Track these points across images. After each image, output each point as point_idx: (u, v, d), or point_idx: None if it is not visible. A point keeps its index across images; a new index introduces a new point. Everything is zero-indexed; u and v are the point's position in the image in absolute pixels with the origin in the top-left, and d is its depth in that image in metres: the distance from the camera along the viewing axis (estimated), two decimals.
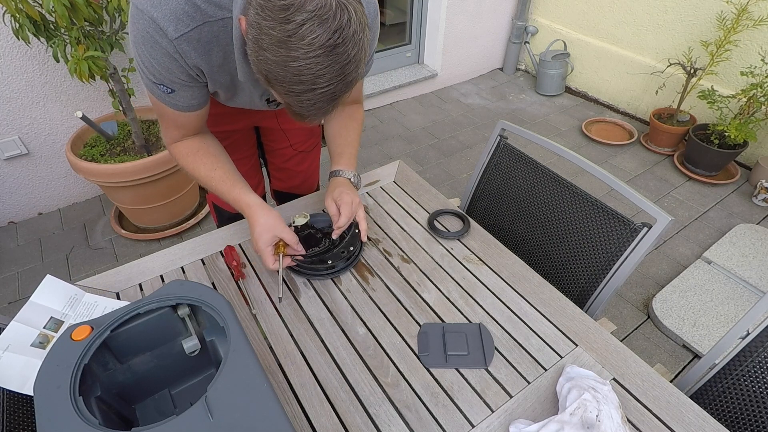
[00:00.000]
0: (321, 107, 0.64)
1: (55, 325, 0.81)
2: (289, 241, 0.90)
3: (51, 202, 2.23)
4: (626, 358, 0.81)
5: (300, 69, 0.58)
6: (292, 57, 0.57)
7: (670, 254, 2.01)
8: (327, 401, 0.76)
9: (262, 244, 0.87)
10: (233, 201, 0.91)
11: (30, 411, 0.75)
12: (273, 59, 0.58)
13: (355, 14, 0.58)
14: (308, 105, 0.63)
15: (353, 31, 0.58)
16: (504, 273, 0.98)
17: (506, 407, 0.75)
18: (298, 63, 0.57)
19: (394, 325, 0.88)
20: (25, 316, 0.79)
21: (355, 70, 0.61)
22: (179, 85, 0.79)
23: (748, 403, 0.81)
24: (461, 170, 2.54)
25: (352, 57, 0.59)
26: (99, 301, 0.87)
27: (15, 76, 1.84)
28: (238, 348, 0.60)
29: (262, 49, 0.58)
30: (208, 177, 0.91)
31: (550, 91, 3.20)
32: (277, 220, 0.89)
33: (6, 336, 0.75)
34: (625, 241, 0.99)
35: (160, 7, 0.68)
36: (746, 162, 2.51)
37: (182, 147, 0.91)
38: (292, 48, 0.56)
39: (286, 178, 1.36)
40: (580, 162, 1.06)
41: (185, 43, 0.72)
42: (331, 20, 0.55)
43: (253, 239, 0.88)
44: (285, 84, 0.60)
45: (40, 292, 0.83)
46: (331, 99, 0.63)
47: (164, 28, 0.69)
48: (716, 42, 2.33)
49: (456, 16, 3.00)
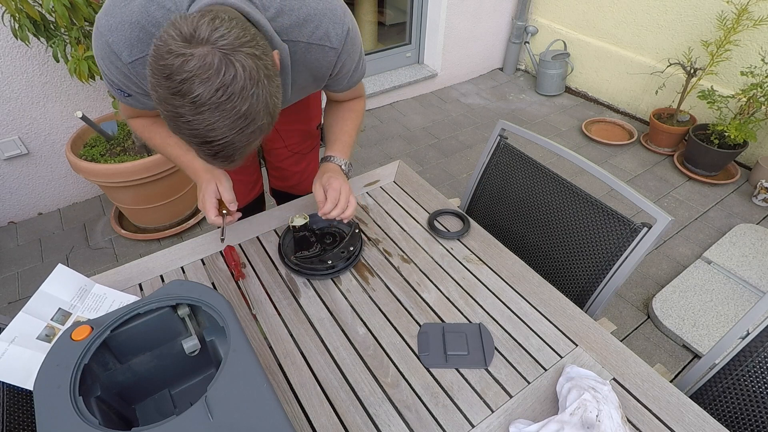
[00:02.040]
0: (228, 155, 0.64)
1: (63, 317, 0.81)
2: (225, 198, 0.91)
3: (51, 202, 2.23)
4: (626, 358, 0.81)
5: (189, 123, 0.58)
6: (179, 113, 0.58)
7: (670, 254, 2.01)
8: (327, 401, 0.76)
9: (207, 197, 0.90)
10: (185, 165, 0.94)
11: (30, 410, 0.75)
12: (165, 114, 0.60)
13: (243, 70, 0.57)
14: (211, 154, 0.63)
15: (241, 87, 0.57)
16: (504, 273, 0.98)
17: (506, 407, 0.75)
18: (185, 119, 0.58)
19: (394, 325, 0.88)
20: (34, 306, 0.79)
21: (255, 122, 0.61)
22: (136, 93, 0.81)
23: (748, 403, 0.81)
24: (461, 170, 2.54)
25: (243, 112, 0.59)
26: (108, 293, 0.87)
27: (15, 76, 1.84)
28: (238, 348, 0.60)
29: (157, 102, 0.59)
30: (164, 143, 0.95)
31: (550, 91, 3.20)
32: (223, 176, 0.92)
33: (13, 327, 0.76)
34: (625, 241, 0.99)
35: (115, 33, 0.71)
36: (746, 162, 2.51)
37: (140, 120, 0.97)
38: (178, 105, 0.57)
39: (283, 178, 1.36)
40: (580, 162, 1.06)
41: (140, 66, 0.74)
42: (214, 78, 0.55)
43: (200, 198, 0.91)
44: (184, 136, 0.61)
45: (50, 281, 0.83)
46: (235, 148, 0.63)
47: (118, 53, 0.72)
48: (716, 42, 2.33)
49: (456, 16, 3.00)
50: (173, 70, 0.55)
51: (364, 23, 3.11)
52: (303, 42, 0.78)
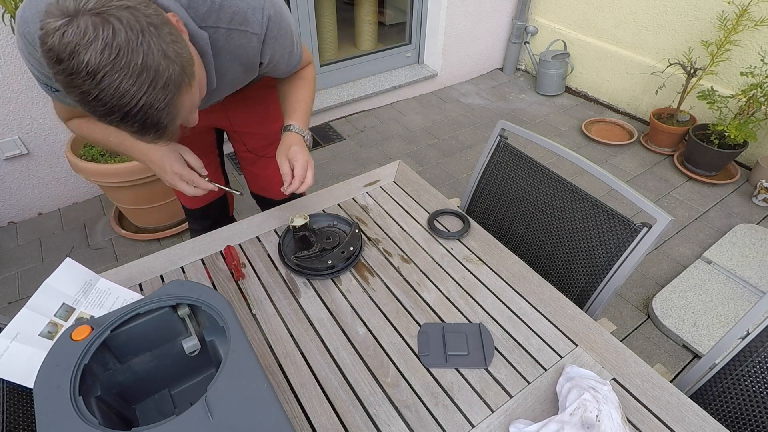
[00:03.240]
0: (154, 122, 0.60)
1: (66, 313, 0.80)
2: (192, 162, 0.89)
3: (51, 202, 2.23)
4: (626, 358, 0.81)
5: (98, 99, 0.55)
6: (85, 92, 0.55)
7: (670, 254, 2.01)
8: (327, 401, 0.76)
9: (177, 165, 0.87)
10: (130, 148, 0.91)
11: (30, 409, 0.75)
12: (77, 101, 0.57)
13: (120, 23, 0.54)
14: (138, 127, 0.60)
15: (126, 40, 0.54)
16: (504, 273, 0.98)
17: (506, 407, 0.75)
18: (92, 95, 0.55)
19: (394, 325, 0.88)
20: (38, 301, 0.79)
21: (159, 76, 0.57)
22: None
23: (748, 403, 0.81)
24: (461, 170, 2.54)
25: (140, 65, 0.55)
26: (112, 289, 0.87)
27: (15, 76, 1.84)
28: (238, 348, 0.60)
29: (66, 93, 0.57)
30: (105, 133, 0.91)
31: (550, 91, 3.20)
32: (180, 146, 0.89)
33: (16, 323, 0.75)
34: (625, 241, 0.99)
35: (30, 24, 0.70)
36: (746, 162, 2.51)
37: (76, 120, 0.93)
38: (78, 84, 0.54)
39: (253, 181, 1.34)
40: (580, 162, 1.06)
41: None
42: (94, 40, 0.53)
43: (165, 167, 0.87)
44: (102, 118, 0.58)
45: (57, 274, 0.83)
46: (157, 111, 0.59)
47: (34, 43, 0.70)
48: (716, 42, 2.33)
49: (456, 16, 3.00)
50: (57, 49, 0.53)
51: (364, 23, 3.11)
52: (223, 28, 0.77)
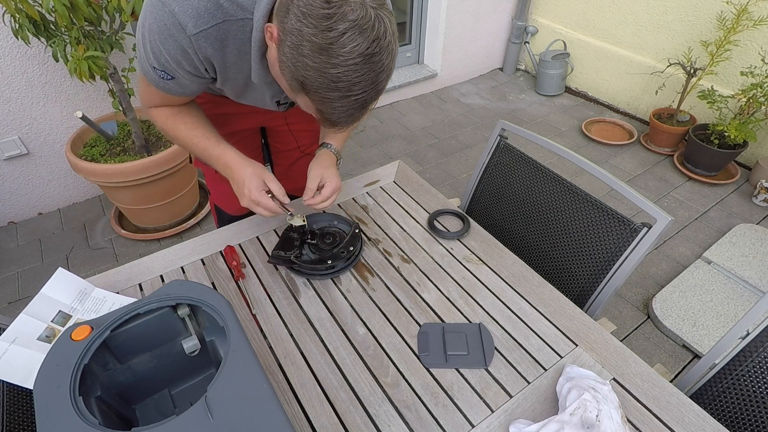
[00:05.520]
0: (352, 114, 0.66)
1: (63, 319, 0.81)
2: (275, 191, 0.89)
3: (51, 202, 2.23)
4: (626, 358, 0.81)
5: (338, 76, 0.60)
6: (332, 64, 0.59)
7: (670, 254, 2.01)
8: (327, 401, 0.76)
9: (256, 191, 0.87)
10: (217, 157, 0.90)
11: (30, 409, 0.75)
12: (312, 65, 0.60)
13: (390, 26, 0.60)
14: (341, 112, 0.65)
15: (388, 42, 0.60)
16: (504, 273, 0.98)
17: (506, 407, 0.75)
18: (336, 70, 0.59)
19: (394, 325, 0.88)
20: (35, 308, 0.80)
21: (386, 79, 0.64)
22: (181, 75, 0.79)
23: (748, 403, 0.81)
24: (461, 170, 2.54)
25: (386, 66, 0.62)
26: (108, 297, 0.88)
27: (15, 76, 1.84)
28: (238, 348, 0.60)
29: (302, 55, 0.60)
30: (189, 135, 0.90)
31: (550, 91, 3.20)
32: (264, 170, 0.90)
33: (14, 328, 0.76)
34: (625, 241, 0.99)
35: (182, 2, 0.68)
36: (746, 162, 2.51)
37: (162, 111, 0.92)
38: (333, 55, 0.58)
39: (292, 180, 1.35)
40: (580, 162, 1.06)
41: (203, 39, 0.72)
42: (370, 30, 0.58)
43: (245, 189, 0.88)
44: (321, 90, 0.62)
45: (51, 284, 0.84)
46: (362, 106, 0.65)
47: (183, 24, 0.69)
48: (716, 42, 2.33)
49: (456, 16, 3.00)
50: (336, 19, 0.56)
51: None
52: None
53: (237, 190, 0.90)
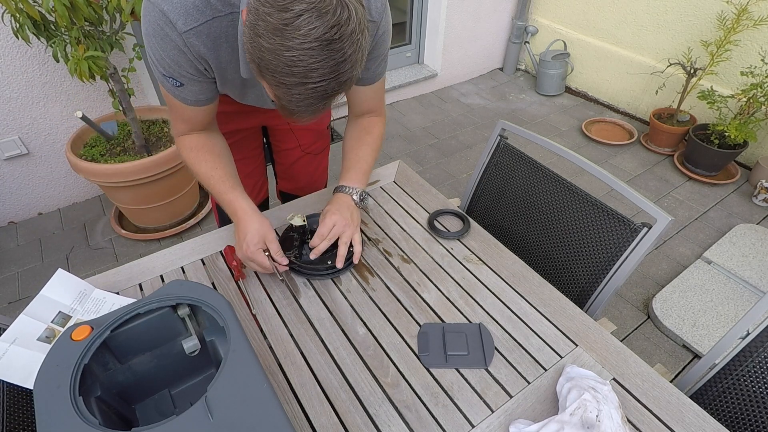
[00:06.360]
0: (311, 104, 0.63)
1: (63, 320, 0.81)
2: (273, 251, 0.90)
3: (51, 202, 2.23)
4: (626, 358, 0.81)
5: (293, 60, 0.56)
6: (286, 46, 0.56)
7: (670, 254, 2.01)
8: (327, 401, 0.76)
9: (254, 248, 0.88)
10: (228, 202, 0.92)
11: (30, 410, 0.75)
12: (267, 46, 0.57)
13: (355, 14, 0.57)
14: (298, 100, 0.62)
15: (351, 30, 0.57)
16: (504, 273, 0.98)
17: (506, 407, 0.75)
18: (291, 53, 0.56)
19: (394, 325, 0.88)
20: (34, 309, 0.80)
21: (350, 70, 0.60)
22: (188, 78, 0.79)
23: (748, 403, 0.81)
24: (461, 170, 2.54)
25: (348, 56, 0.58)
26: (107, 298, 0.88)
27: (15, 76, 1.84)
28: (238, 348, 0.60)
29: (257, 35, 0.57)
30: (208, 175, 0.92)
31: (550, 91, 3.20)
32: (269, 228, 0.90)
33: (14, 329, 0.76)
34: (625, 241, 0.99)
35: (170, 1, 0.69)
36: (746, 162, 2.51)
37: (188, 140, 0.93)
38: (287, 37, 0.55)
39: (293, 180, 1.35)
40: (580, 162, 1.06)
41: (194, 36, 0.72)
42: (330, 15, 0.54)
43: (244, 243, 0.89)
44: (276, 74, 0.59)
45: (50, 285, 0.84)
46: (322, 97, 0.62)
47: (174, 21, 0.70)
48: (716, 42, 2.33)
49: (456, 16, 3.00)
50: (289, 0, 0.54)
51: None
52: None
53: (237, 240, 0.92)
